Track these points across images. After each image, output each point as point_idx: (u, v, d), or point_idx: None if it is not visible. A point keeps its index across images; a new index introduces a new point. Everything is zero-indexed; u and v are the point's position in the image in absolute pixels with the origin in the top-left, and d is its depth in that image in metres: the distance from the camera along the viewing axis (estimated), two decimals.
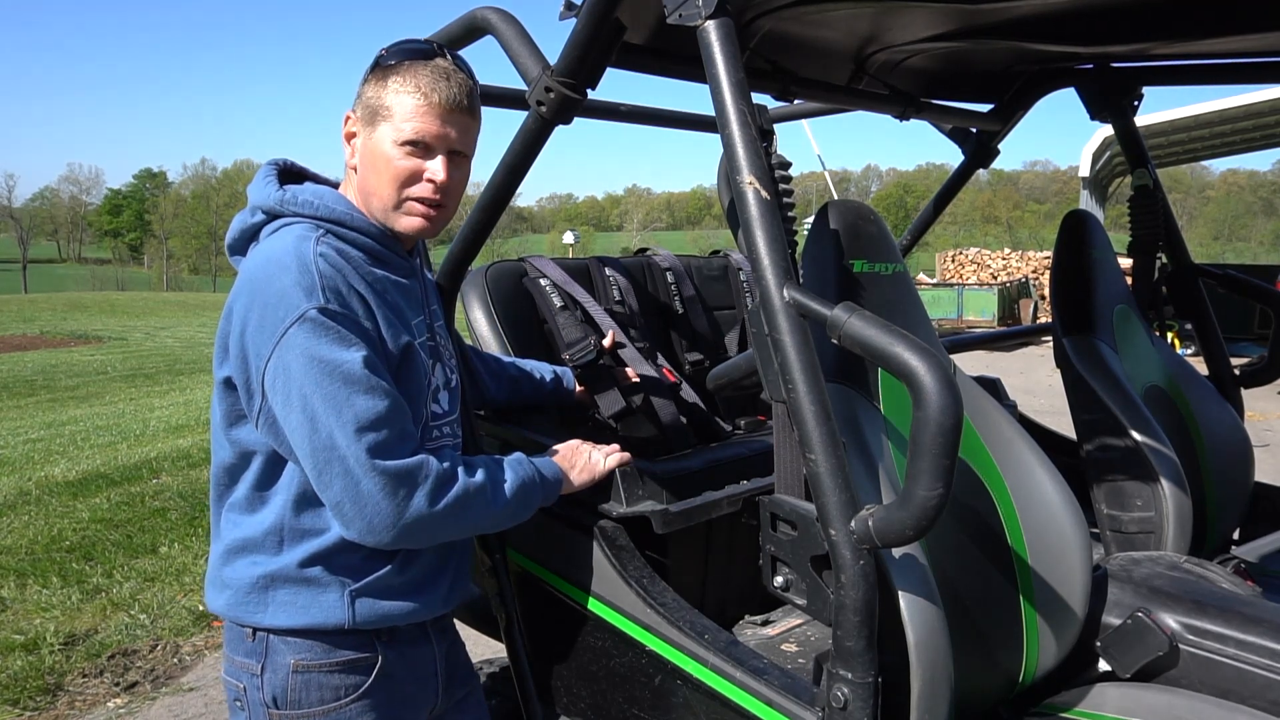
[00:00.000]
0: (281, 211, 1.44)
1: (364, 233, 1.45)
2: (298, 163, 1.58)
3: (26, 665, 3.66)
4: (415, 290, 1.54)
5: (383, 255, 1.47)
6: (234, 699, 1.46)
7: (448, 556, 1.55)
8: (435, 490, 1.35)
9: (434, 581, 1.51)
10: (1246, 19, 1.69)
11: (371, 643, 1.46)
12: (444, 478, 1.36)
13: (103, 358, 19.32)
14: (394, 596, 1.45)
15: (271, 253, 1.38)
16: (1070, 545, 1.56)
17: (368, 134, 1.42)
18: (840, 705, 1.16)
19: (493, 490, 1.44)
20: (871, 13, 1.71)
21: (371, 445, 1.30)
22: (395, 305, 1.45)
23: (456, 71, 1.42)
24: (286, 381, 1.30)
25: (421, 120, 1.39)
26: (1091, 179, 19.50)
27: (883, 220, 1.67)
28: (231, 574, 1.44)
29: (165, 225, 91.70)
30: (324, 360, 1.29)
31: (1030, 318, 20.77)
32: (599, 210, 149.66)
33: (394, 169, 1.41)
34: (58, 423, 10.29)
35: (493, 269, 2.18)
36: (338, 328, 1.31)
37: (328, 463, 1.30)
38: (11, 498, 6.17)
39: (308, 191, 1.45)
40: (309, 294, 1.30)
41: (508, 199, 1.79)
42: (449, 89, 1.39)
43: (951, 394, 1.03)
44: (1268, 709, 1.40)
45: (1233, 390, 2.42)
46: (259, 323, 1.32)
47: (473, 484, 1.41)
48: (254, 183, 1.51)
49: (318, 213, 1.43)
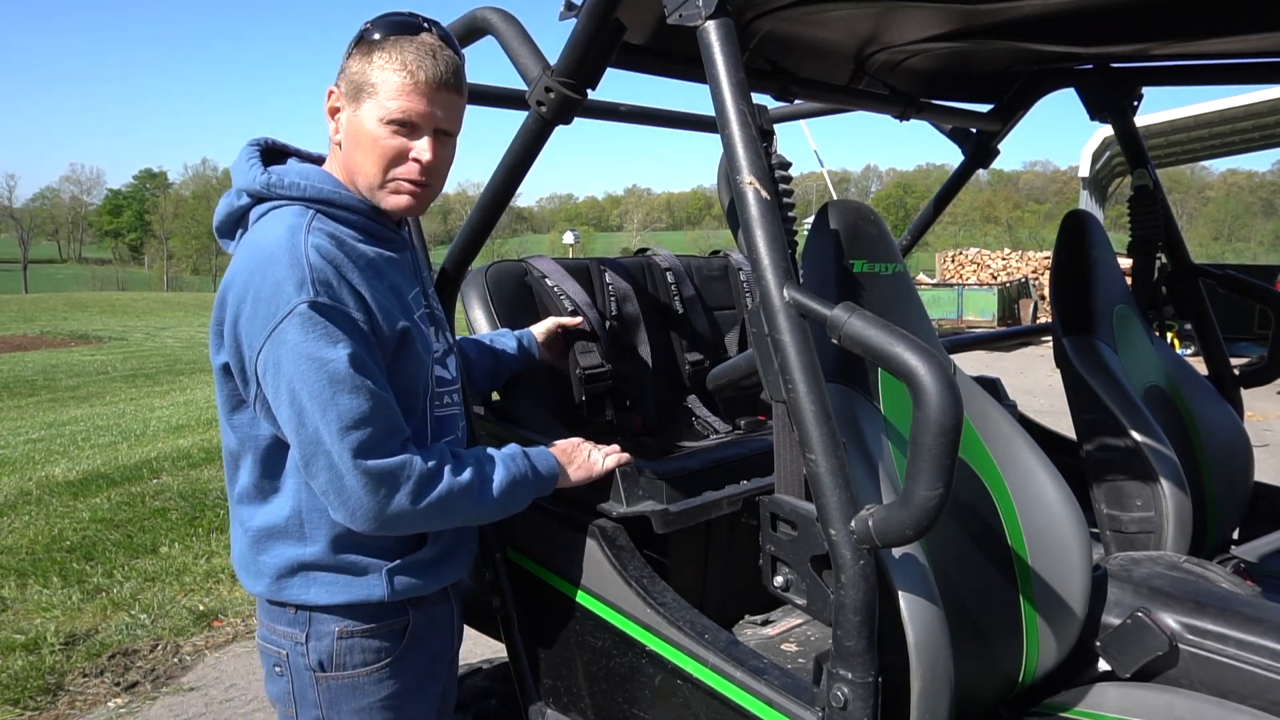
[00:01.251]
0: (268, 195, 1.42)
1: (354, 210, 1.44)
2: (279, 140, 1.56)
3: (27, 665, 3.66)
4: (408, 262, 1.54)
5: (374, 231, 1.47)
6: (273, 665, 1.52)
7: (466, 528, 1.62)
8: (418, 490, 1.36)
9: (458, 551, 1.60)
10: (1246, 19, 1.69)
11: (404, 608, 1.53)
12: (427, 477, 1.38)
13: (103, 358, 19.32)
14: (426, 569, 1.53)
15: (264, 241, 1.37)
16: (1070, 545, 1.56)
17: (352, 110, 1.40)
18: (840, 705, 1.16)
19: (480, 488, 1.45)
20: (871, 13, 1.71)
21: (355, 444, 1.31)
22: (393, 284, 1.46)
23: (443, 48, 1.40)
24: (276, 375, 1.32)
25: (408, 99, 1.36)
26: (1091, 179, 19.50)
27: (883, 220, 1.67)
28: (268, 561, 1.48)
29: (166, 225, 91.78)
30: (312, 358, 1.30)
31: (1030, 318, 20.77)
32: (599, 210, 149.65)
33: (380, 148, 1.39)
34: (58, 423, 10.29)
35: (493, 269, 2.18)
36: (326, 323, 1.31)
37: (314, 455, 1.33)
38: (12, 498, 6.17)
39: (293, 173, 1.43)
40: (300, 287, 1.30)
41: (508, 199, 1.79)
42: (435, 67, 1.37)
43: (951, 394, 1.03)
44: (1268, 709, 1.40)
45: (1233, 390, 2.42)
46: (251, 313, 1.33)
47: (458, 483, 1.41)
48: (236, 164, 1.48)
49: (305, 194, 1.41)
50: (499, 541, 1.80)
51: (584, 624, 1.66)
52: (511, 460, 1.52)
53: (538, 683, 1.81)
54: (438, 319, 1.62)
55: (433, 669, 1.62)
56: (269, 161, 1.48)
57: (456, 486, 1.41)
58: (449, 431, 1.59)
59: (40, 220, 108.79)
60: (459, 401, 1.63)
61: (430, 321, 1.57)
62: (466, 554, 1.65)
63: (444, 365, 1.58)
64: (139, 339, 25.08)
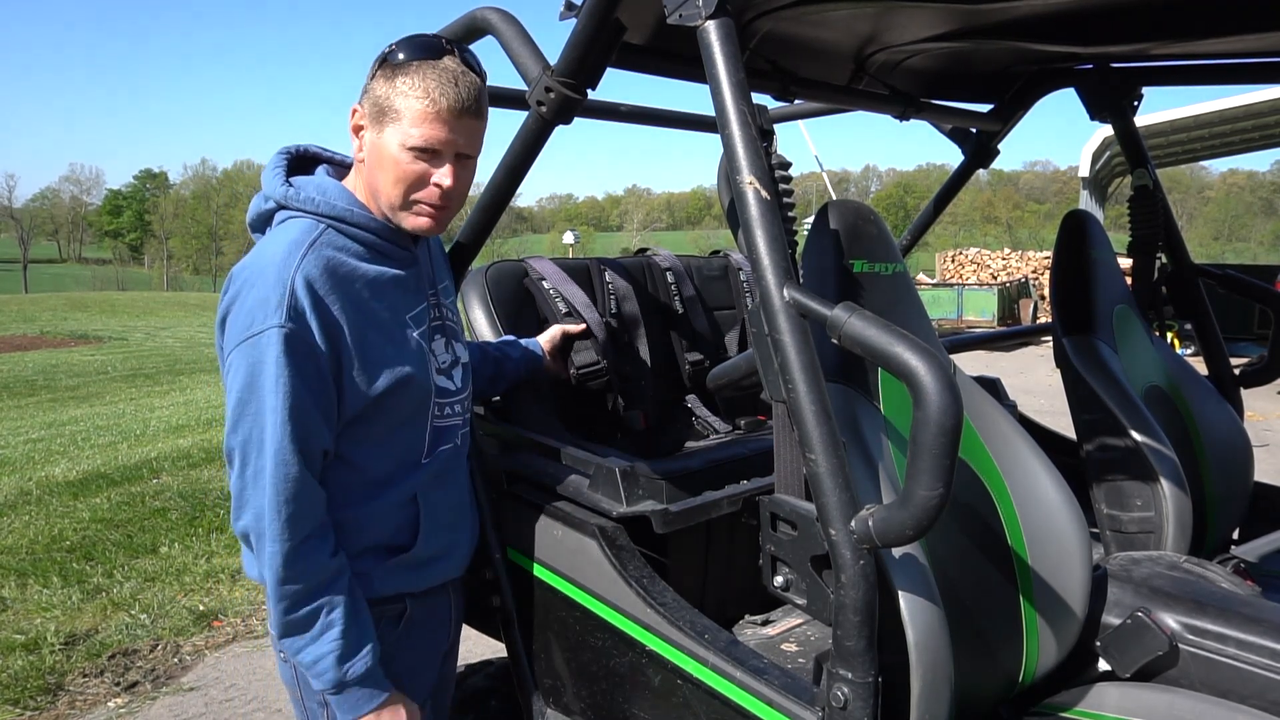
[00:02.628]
0: (287, 205, 1.48)
1: (364, 228, 1.48)
2: (313, 146, 1.61)
3: (27, 665, 3.66)
4: (414, 278, 1.57)
5: (383, 249, 1.51)
6: (280, 650, 1.55)
7: (460, 531, 1.67)
8: (285, 571, 1.38)
9: (453, 552, 1.66)
10: (1246, 19, 1.69)
11: (403, 598, 1.59)
12: (299, 551, 1.39)
13: (103, 358, 19.32)
14: (415, 568, 1.58)
15: (269, 251, 1.43)
16: (1070, 545, 1.56)
17: (375, 132, 1.43)
18: (840, 705, 1.16)
19: (318, 631, 1.42)
20: (871, 13, 1.71)
21: (279, 476, 1.37)
22: (391, 303, 1.50)
23: (465, 72, 1.41)
24: (233, 379, 1.39)
25: (430, 127, 1.38)
26: (1091, 179, 19.50)
27: (883, 220, 1.67)
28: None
29: (165, 225, 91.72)
30: (260, 389, 1.36)
31: (1030, 318, 20.77)
32: (599, 210, 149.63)
33: (401, 172, 1.42)
34: (58, 423, 10.29)
35: (493, 269, 2.18)
36: (283, 357, 1.35)
37: (238, 460, 1.40)
38: (12, 498, 6.17)
39: (312, 187, 1.49)
40: (276, 309, 1.35)
41: (508, 199, 1.79)
42: (457, 94, 1.39)
43: (952, 394, 1.03)
44: (1268, 709, 1.40)
45: (1233, 390, 2.42)
46: (234, 316, 1.40)
47: (311, 609, 1.41)
48: (266, 169, 1.55)
49: (319, 209, 1.46)
50: (499, 541, 1.80)
51: (584, 624, 1.66)
52: (361, 658, 1.44)
53: (538, 683, 1.81)
54: (449, 329, 1.64)
55: (428, 658, 1.66)
56: (298, 168, 1.55)
57: (302, 614, 1.41)
58: (448, 440, 1.62)
59: (40, 220, 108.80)
60: (462, 412, 1.65)
61: (441, 333, 1.60)
62: (461, 555, 1.69)
63: (449, 376, 1.61)
64: (139, 339, 25.09)
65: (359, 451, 1.50)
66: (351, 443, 1.49)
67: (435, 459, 1.59)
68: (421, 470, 1.58)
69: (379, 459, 1.53)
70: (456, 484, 1.67)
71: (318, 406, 1.40)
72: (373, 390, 1.46)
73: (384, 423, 1.51)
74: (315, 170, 1.57)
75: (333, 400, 1.43)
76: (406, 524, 1.57)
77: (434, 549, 1.59)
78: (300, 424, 1.37)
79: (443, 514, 1.62)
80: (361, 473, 1.51)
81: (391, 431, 1.53)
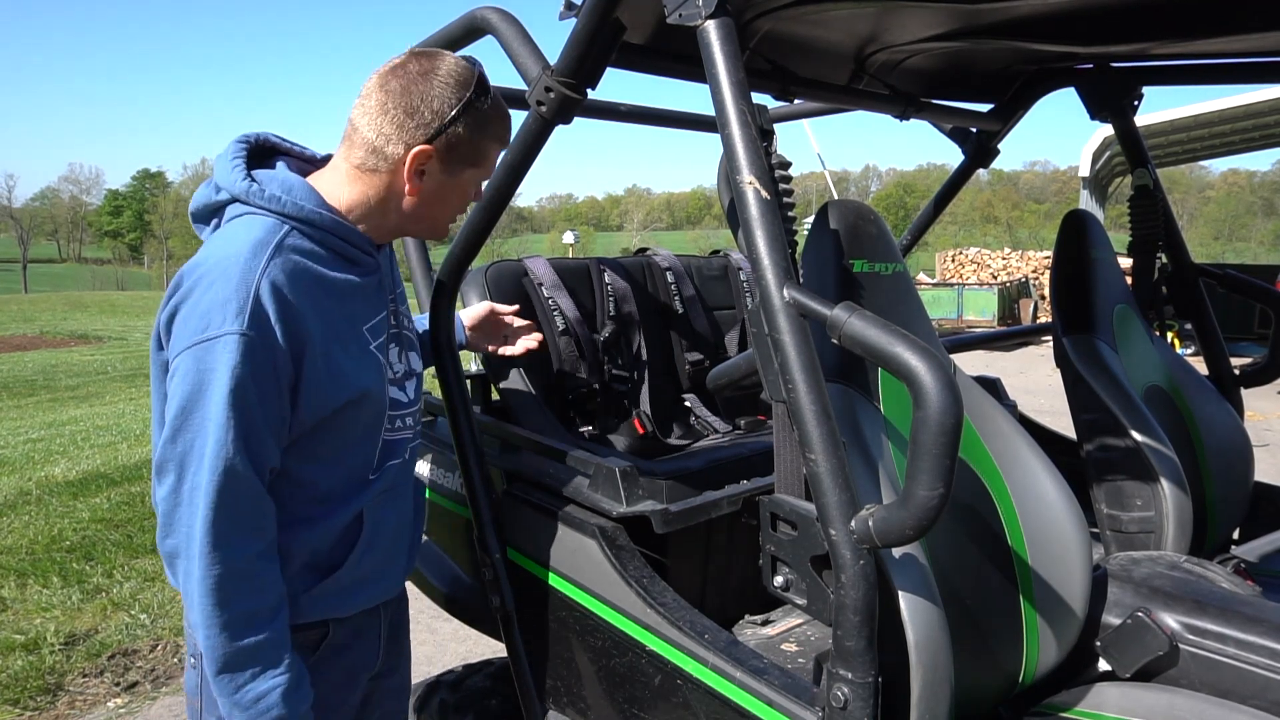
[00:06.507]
0: (247, 200, 1.38)
1: (331, 231, 1.40)
2: (273, 136, 1.50)
3: (27, 665, 3.66)
4: (375, 286, 1.50)
5: (349, 254, 1.44)
6: (191, 653, 1.46)
7: (397, 551, 1.58)
8: (223, 595, 1.28)
9: (383, 576, 1.56)
10: (1246, 19, 1.68)
11: (326, 623, 1.49)
12: (237, 573, 1.29)
13: (103, 358, 19.32)
14: (341, 594, 1.48)
15: (228, 249, 1.33)
16: (1070, 545, 1.56)
17: (449, 173, 1.45)
18: (840, 705, 1.16)
19: (266, 663, 1.32)
20: (871, 13, 1.70)
21: (212, 490, 1.27)
22: (350, 313, 1.43)
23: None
24: (178, 385, 1.29)
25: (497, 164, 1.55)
26: (1091, 179, 19.50)
27: (883, 220, 1.67)
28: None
29: (165, 225, 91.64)
30: (207, 399, 1.27)
31: (1030, 318, 20.77)
32: (599, 210, 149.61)
33: (463, 204, 1.53)
34: (58, 422, 10.28)
35: (493, 269, 2.18)
36: (240, 366, 1.26)
37: (171, 472, 1.31)
38: (12, 497, 6.17)
39: (276, 184, 1.39)
40: (237, 314, 1.26)
41: (508, 199, 1.79)
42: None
43: (952, 394, 1.03)
44: (1268, 709, 1.40)
45: (1233, 390, 2.42)
46: (185, 315, 1.30)
47: (242, 617, 1.30)
48: (220, 159, 1.43)
49: (284, 209, 1.37)
50: (499, 541, 1.80)
51: (584, 624, 1.66)
52: (289, 689, 1.34)
53: (538, 683, 1.81)
54: (405, 340, 1.57)
55: (350, 680, 1.56)
56: (257, 161, 1.45)
57: (237, 621, 1.30)
58: (397, 455, 1.54)
59: (40, 220, 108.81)
60: (413, 425, 1.58)
61: (396, 343, 1.53)
62: (395, 577, 1.59)
63: (401, 388, 1.53)
64: (139, 339, 25.06)
65: (306, 468, 1.41)
66: (299, 458, 1.39)
67: (383, 474, 1.51)
68: (369, 488, 1.49)
69: (327, 475, 1.44)
70: (403, 500, 1.59)
71: (268, 422, 1.31)
72: (329, 405, 1.38)
73: (338, 438, 1.43)
74: (275, 164, 1.46)
75: (285, 417, 1.34)
76: (345, 544, 1.47)
77: (366, 570, 1.49)
78: (249, 438, 1.28)
79: (385, 533, 1.53)
80: (306, 489, 1.42)
81: (343, 447, 1.45)
